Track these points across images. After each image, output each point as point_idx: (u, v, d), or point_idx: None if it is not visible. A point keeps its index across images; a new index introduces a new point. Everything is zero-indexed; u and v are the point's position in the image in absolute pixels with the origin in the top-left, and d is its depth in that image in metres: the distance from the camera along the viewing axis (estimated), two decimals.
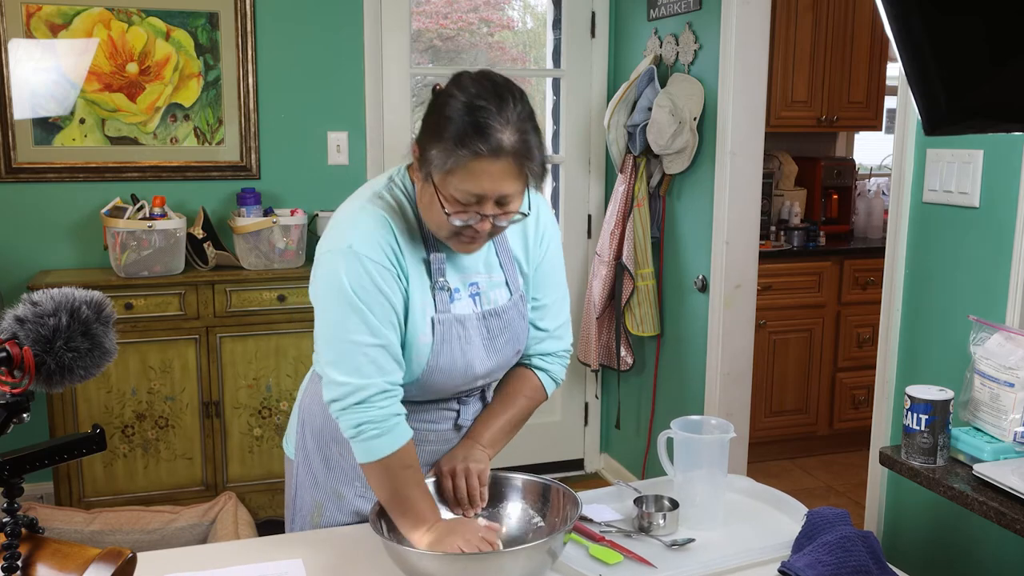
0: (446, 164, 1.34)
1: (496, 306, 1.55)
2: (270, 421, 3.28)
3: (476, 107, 1.33)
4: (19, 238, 3.31)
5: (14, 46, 3.20)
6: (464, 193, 1.35)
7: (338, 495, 1.61)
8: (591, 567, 1.41)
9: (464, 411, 1.62)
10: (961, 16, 0.82)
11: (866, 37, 4.20)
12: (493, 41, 4.09)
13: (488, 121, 1.32)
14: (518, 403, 1.63)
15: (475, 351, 1.52)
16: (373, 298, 1.40)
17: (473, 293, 1.53)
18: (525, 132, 1.35)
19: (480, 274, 1.54)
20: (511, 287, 1.57)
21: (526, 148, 1.35)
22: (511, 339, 1.57)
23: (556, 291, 1.65)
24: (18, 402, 0.93)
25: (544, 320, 1.64)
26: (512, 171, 1.35)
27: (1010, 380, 1.64)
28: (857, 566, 1.30)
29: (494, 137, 1.32)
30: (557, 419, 4.02)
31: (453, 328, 1.49)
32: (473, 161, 1.32)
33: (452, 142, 1.33)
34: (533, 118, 1.38)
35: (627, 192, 3.43)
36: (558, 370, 1.68)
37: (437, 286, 1.48)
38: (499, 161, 1.33)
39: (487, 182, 1.34)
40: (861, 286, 4.13)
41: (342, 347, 1.41)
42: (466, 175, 1.33)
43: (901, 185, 2.32)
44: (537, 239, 1.61)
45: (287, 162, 3.54)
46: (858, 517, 2.93)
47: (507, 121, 1.33)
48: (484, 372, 1.56)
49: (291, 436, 1.69)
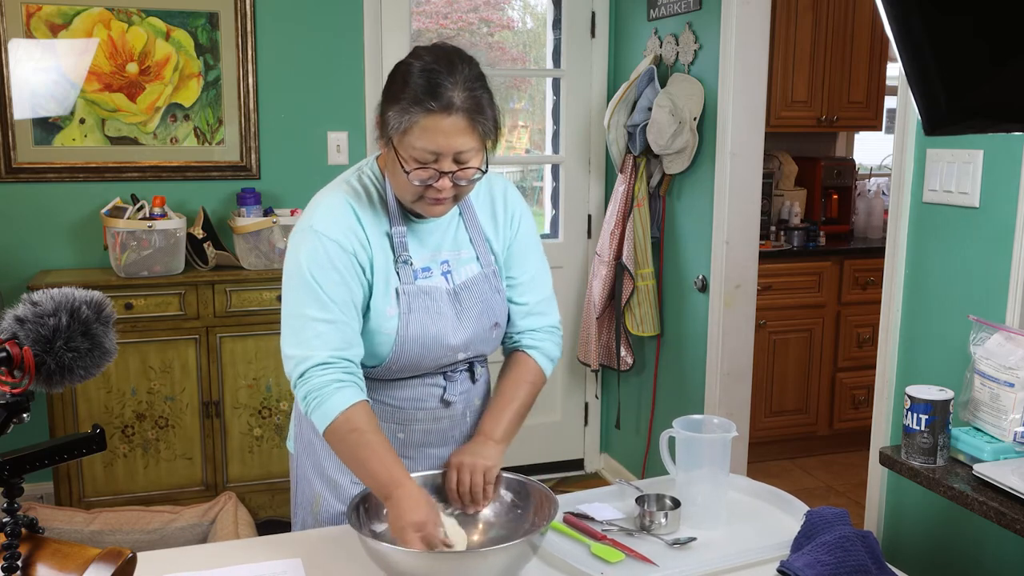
0: (401, 124, 1.41)
1: (466, 279, 1.59)
2: (270, 421, 3.28)
3: (428, 70, 1.41)
4: (19, 238, 3.31)
5: (14, 46, 3.20)
6: (421, 151, 1.42)
7: (335, 484, 1.63)
8: (593, 565, 1.41)
9: (451, 387, 1.63)
10: (961, 16, 0.82)
11: (866, 37, 4.20)
12: (493, 41, 4.09)
13: (439, 80, 1.40)
14: (522, 390, 1.64)
15: (446, 322, 1.55)
16: (326, 275, 1.47)
17: (445, 271, 1.58)
18: (474, 90, 1.43)
19: (449, 251, 1.59)
20: (481, 261, 1.61)
21: (476, 105, 1.42)
22: (485, 310, 1.60)
23: (532, 268, 1.68)
24: (18, 402, 0.93)
25: (523, 296, 1.67)
26: (464, 127, 1.41)
27: (1010, 380, 1.64)
28: (856, 566, 1.30)
29: (445, 95, 1.40)
30: (557, 419, 4.02)
31: (419, 299, 1.53)
32: (425, 117, 1.40)
33: (407, 102, 1.41)
34: (483, 79, 1.46)
35: (627, 192, 3.43)
36: (550, 347, 1.69)
37: (400, 259, 1.53)
38: (450, 116, 1.40)
39: (441, 138, 1.41)
40: (861, 286, 4.13)
41: (293, 321, 1.49)
42: (421, 132, 1.41)
43: (901, 185, 2.32)
44: (507, 219, 1.65)
45: (287, 162, 3.54)
46: (858, 517, 2.93)
47: (456, 81, 1.41)
48: (460, 343, 1.58)
49: (292, 431, 1.74)
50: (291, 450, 1.73)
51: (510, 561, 1.32)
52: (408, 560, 1.30)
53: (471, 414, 1.69)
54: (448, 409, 1.64)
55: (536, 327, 1.68)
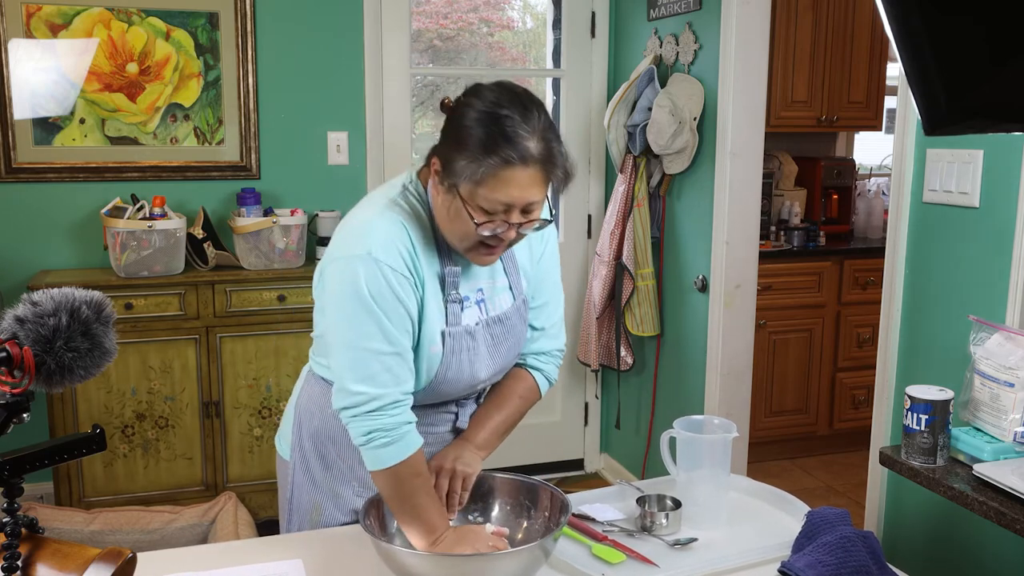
0: (476, 174, 1.33)
1: (500, 312, 1.55)
2: (270, 421, 3.28)
3: (501, 116, 1.33)
4: (19, 238, 3.31)
5: (14, 46, 3.20)
6: (493, 202, 1.35)
7: (336, 495, 1.61)
8: (594, 566, 1.41)
9: (462, 413, 1.62)
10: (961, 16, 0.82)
11: (866, 37, 4.20)
12: (493, 41, 4.09)
13: (515, 129, 1.33)
14: (512, 404, 1.63)
15: (481, 360, 1.53)
16: (391, 305, 1.40)
17: (479, 300, 1.54)
18: (549, 140, 1.36)
19: (485, 280, 1.55)
20: (514, 292, 1.58)
21: (551, 155, 1.36)
22: (513, 345, 1.58)
23: (552, 290, 1.66)
24: (18, 402, 0.93)
25: (539, 319, 1.65)
26: (539, 179, 1.35)
27: (1010, 380, 1.64)
28: (857, 566, 1.30)
29: (522, 144, 1.32)
30: (557, 419, 4.02)
31: (463, 340, 1.50)
32: (503, 170, 1.32)
33: (480, 151, 1.33)
34: (555, 127, 1.39)
35: (627, 192, 3.43)
36: (552, 370, 1.69)
37: (450, 299, 1.48)
38: (528, 169, 1.33)
39: (516, 190, 1.34)
40: (861, 286, 4.13)
41: (358, 354, 1.40)
42: (496, 184, 1.33)
43: (901, 185, 2.32)
44: (540, 237, 1.62)
45: (287, 162, 3.54)
46: (858, 517, 2.93)
47: (533, 129, 1.34)
48: (487, 377, 1.57)
49: (285, 436, 1.68)
50: (284, 456, 1.68)
51: (523, 565, 1.31)
52: (421, 564, 1.30)
53: None
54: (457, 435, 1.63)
55: (544, 350, 1.67)
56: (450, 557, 1.34)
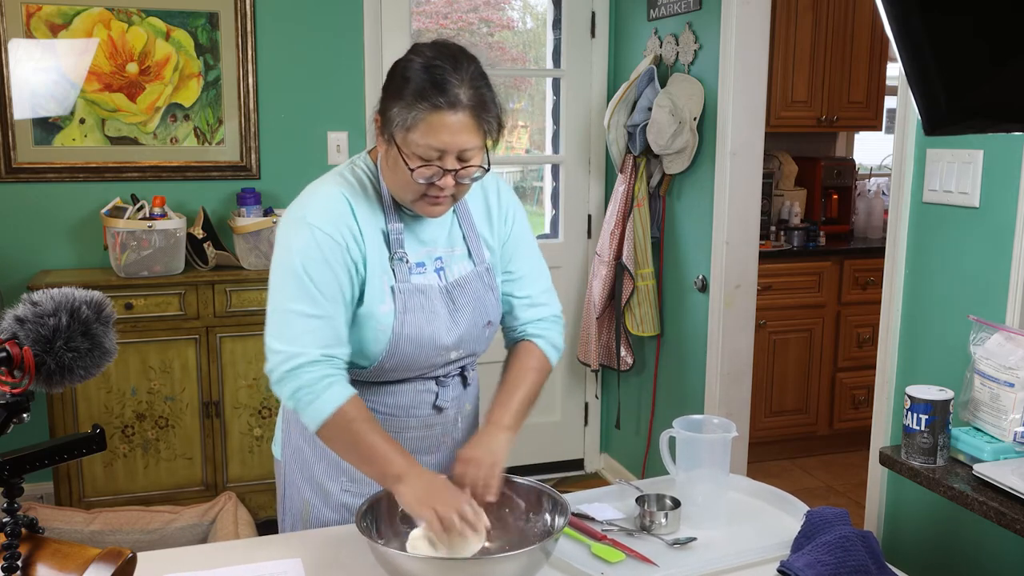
0: (407, 120, 1.39)
1: (459, 276, 1.57)
2: (270, 421, 3.28)
3: (433, 66, 1.39)
4: (19, 238, 3.31)
5: (14, 46, 3.20)
6: (425, 148, 1.40)
7: (324, 491, 1.62)
8: (593, 566, 1.41)
9: (443, 393, 1.61)
10: (961, 16, 0.82)
11: (866, 37, 4.20)
12: (493, 41, 4.09)
13: (445, 76, 1.38)
14: (529, 377, 1.63)
15: (439, 320, 1.53)
16: (318, 269, 1.44)
17: (438, 268, 1.56)
18: (479, 88, 1.41)
19: (443, 248, 1.58)
20: (474, 258, 1.60)
21: (481, 101, 1.41)
22: (478, 309, 1.59)
23: (529, 262, 1.68)
24: (18, 402, 0.93)
25: (524, 289, 1.67)
26: (470, 124, 1.40)
27: (1010, 380, 1.64)
28: (856, 566, 1.30)
29: (451, 91, 1.38)
30: (557, 419, 4.02)
31: (415, 297, 1.51)
32: (432, 114, 1.38)
33: (411, 98, 1.39)
34: (486, 77, 1.44)
35: (627, 192, 3.43)
36: (554, 335, 1.69)
37: (396, 256, 1.51)
38: (456, 113, 1.38)
39: (446, 135, 1.39)
40: (861, 286, 4.13)
41: (282, 316, 1.45)
42: (427, 129, 1.38)
43: (901, 185, 2.32)
44: (501, 216, 1.65)
45: (287, 162, 3.54)
46: (858, 517, 2.93)
47: (462, 78, 1.39)
48: (452, 342, 1.56)
49: (278, 437, 1.71)
50: (277, 456, 1.70)
51: (523, 568, 1.31)
52: (419, 567, 1.30)
53: (463, 419, 1.68)
54: (440, 415, 1.63)
55: (540, 317, 1.68)
56: (449, 561, 1.33)
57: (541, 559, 1.33)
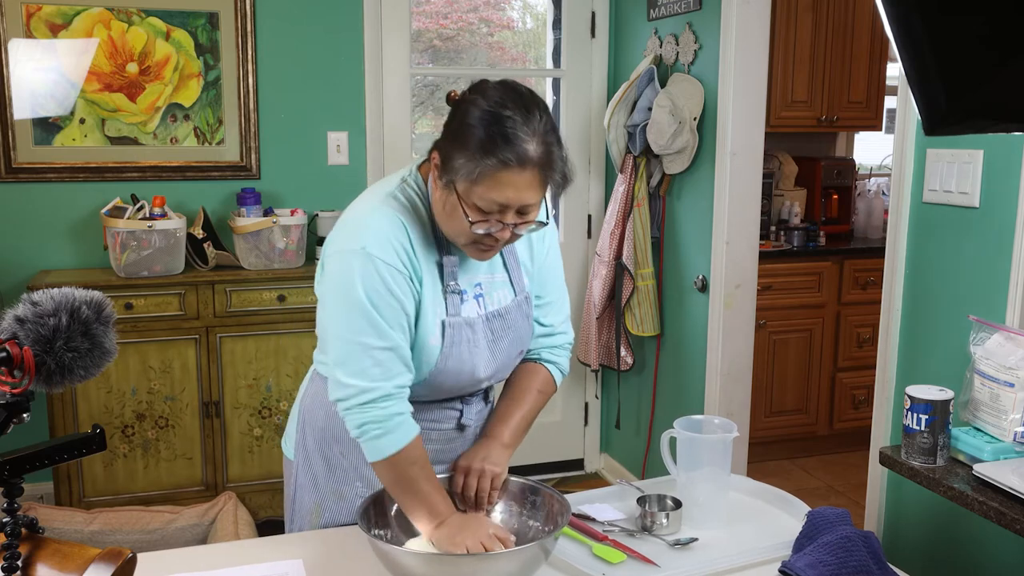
0: (472, 173, 1.34)
1: (500, 307, 1.55)
2: (270, 421, 3.28)
3: (503, 116, 1.33)
4: (19, 238, 3.31)
5: (14, 46, 3.20)
6: (488, 202, 1.35)
7: (339, 495, 1.61)
8: (594, 566, 1.41)
9: (467, 411, 1.62)
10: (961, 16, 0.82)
11: (866, 37, 4.20)
12: (493, 41, 4.09)
13: (515, 131, 1.33)
14: (531, 397, 1.63)
15: (480, 353, 1.52)
16: (384, 301, 1.40)
17: (477, 294, 1.54)
18: (550, 143, 1.36)
19: (483, 274, 1.55)
20: (515, 287, 1.58)
21: (550, 159, 1.36)
22: (515, 340, 1.58)
23: (557, 289, 1.67)
24: (18, 402, 0.93)
25: (548, 316, 1.66)
26: (536, 181, 1.36)
27: (1010, 380, 1.64)
28: (858, 566, 1.30)
29: (521, 147, 1.33)
30: (557, 419, 4.02)
31: (462, 331, 1.50)
32: (500, 171, 1.33)
33: (478, 151, 1.33)
34: (556, 130, 1.40)
35: (627, 192, 3.43)
36: (564, 362, 1.70)
37: (449, 289, 1.48)
38: (525, 171, 1.34)
39: (512, 192, 1.35)
40: (861, 286, 4.12)
41: (350, 348, 1.41)
42: (492, 184, 1.34)
43: (901, 185, 2.32)
44: (540, 236, 1.62)
45: (287, 162, 3.54)
46: (858, 517, 2.93)
47: (533, 132, 1.34)
48: (487, 375, 1.56)
49: (291, 436, 1.69)
50: (290, 456, 1.69)
51: (522, 565, 1.31)
52: (419, 564, 1.30)
53: (478, 432, 1.68)
54: (462, 432, 1.63)
55: (556, 344, 1.68)
56: (448, 557, 1.34)
57: (540, 557, 1.33)
